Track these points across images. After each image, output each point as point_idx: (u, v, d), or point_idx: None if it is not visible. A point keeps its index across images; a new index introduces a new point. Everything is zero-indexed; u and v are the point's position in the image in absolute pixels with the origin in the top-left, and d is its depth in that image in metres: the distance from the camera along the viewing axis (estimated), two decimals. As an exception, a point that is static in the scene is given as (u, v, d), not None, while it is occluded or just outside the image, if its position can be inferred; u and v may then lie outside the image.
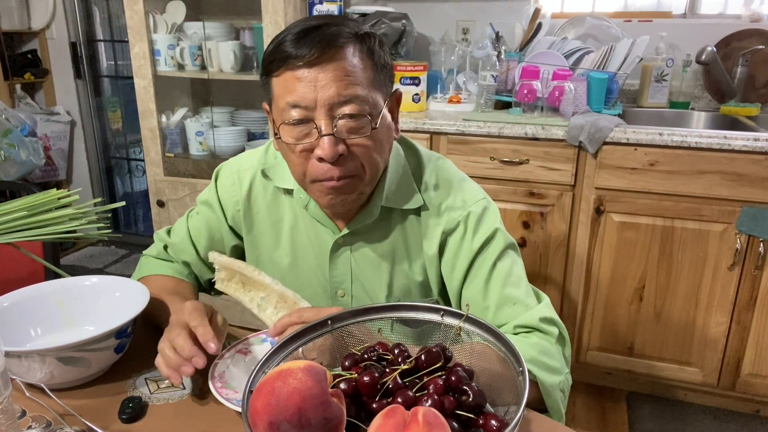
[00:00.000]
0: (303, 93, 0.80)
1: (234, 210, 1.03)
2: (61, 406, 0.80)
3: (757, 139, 1.72)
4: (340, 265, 0.99)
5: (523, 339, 0.87)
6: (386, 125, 0.87)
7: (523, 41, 2.25)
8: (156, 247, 1.11)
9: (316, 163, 0.83)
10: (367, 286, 1.00)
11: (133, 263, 3.36)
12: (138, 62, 2.36)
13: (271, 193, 1.01)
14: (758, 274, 1.83)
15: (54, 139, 3.22)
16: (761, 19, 2.21)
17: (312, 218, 0.98)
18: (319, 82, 0.79)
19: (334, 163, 0.82)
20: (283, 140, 0.85)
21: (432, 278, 0.98)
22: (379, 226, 0.96)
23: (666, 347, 2.01)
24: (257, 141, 2.54)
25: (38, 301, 0.95)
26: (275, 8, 2.13)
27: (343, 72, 0.80)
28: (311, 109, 0.80)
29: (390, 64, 0.89)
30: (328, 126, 0.80)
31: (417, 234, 0.96)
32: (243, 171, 1.03)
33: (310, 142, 0.82)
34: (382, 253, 0.97)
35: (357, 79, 0.81)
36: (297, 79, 0.80)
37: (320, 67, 0.79)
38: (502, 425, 0.60)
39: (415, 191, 0.95)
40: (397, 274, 0.98)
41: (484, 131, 1.97)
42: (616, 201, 1.91)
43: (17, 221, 0.98)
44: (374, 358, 0.69)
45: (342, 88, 0.80)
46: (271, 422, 0.55)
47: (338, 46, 0.80)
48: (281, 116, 0.83)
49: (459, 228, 0.94)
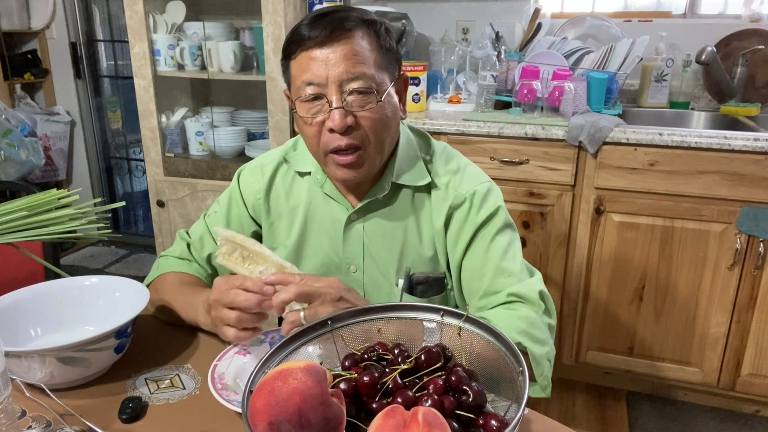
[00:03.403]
0: (316, 71, 0.89)
1: (254, 199, 1.10)
2: (61, 406, 0.80)
3: (757, 139, 1.72)
4: (352, 241, 1.04)
5: (514, 312, 0.92)
6: (392, 103, 0.96)
7: (523, 41, 2.25)
8: (179, 247, 1.13)
9: (327, 134, 0.92)
10: (379, 261, 1.05)
11: (133, 263, 3.36)
12: (138, 62, 2.36)
13: (290, 178, 1.09)
14: (758, 274, 1.83)
15: (54, 139, 3.22)
16: (761, 19, 2.21)
17: (327, 197, 1.05)
18: (330, 61, 0.89)
19: (343, 133, 0.91)
20: (300, 114, 0.94)
21: (440, 252, 1.04)
22: (390, 202, 1.03)
23: (666, 347, 2.01)
24: (257, 141, 2.54)
25: (38, 301, 0.95)
26: (275, 8, 2.13)
27: (351, 52, 0.89)
28: (323, 86, 0.90)
29: (395, 49, 0.97)
30: (338, 100, 0.90)
31: (427, 211, 1.03)
32: (266, 164, 1.11)
33: (322, 115, 0.91)
34: (393, 228, 1.03)
35: (364, 58, 0.90)
36: (311, 59, 0.90)
37: (331, 48, 0.89)
38: (502, 425, 0.60)
39: (423, 170, 1.03)
40: (408, 248, 1.04)
41: (484, 131, 1.97)
42: (616, 201, 1.91)
43: (17, 221, 0.98)
44: (374, 358, 0.69)
45: (351, 66, 0.89)
46: (271, 422, 0.55)
47: (347, 28, 0.89)
48: (297, 93, 0.93)
49: (465, 204, 1.01)
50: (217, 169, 2.43)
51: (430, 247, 1.04)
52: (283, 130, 2.25)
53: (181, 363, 0.92)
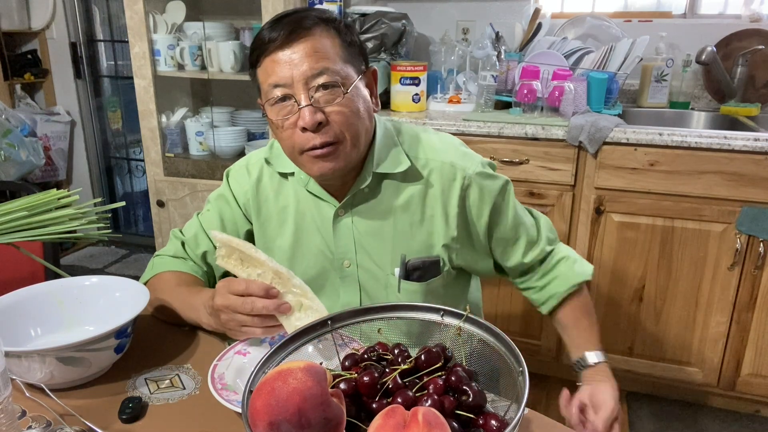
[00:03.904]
0: (281, 73, 0.90)
1: (245, 198, 1.11)
2: (61, 406, 0.80)
3: (757, 139, 1.72)
4: (342, 236, 1.05)
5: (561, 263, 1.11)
6: (361, 95, 0.97)
7: (523, 41, 2.25)
8: (173, 246, 1.13)
9: (300, 133, 0.93)
10: (372, 253, 1.06)
11: (133, 263, 3.35)
12: (138, 62, 2.36)
13: (276, 180, 1.09)
14: (758, 274, 1.83)
15: (54, 139, 3.22)
16: (761, 19, 2.21)
17: (313, 196, 1.06)
18: (293, 61, 0.90)
19: (315, 131, 0.92)
20: (271, 119, 0.95)
21: (437, 234, 1.04)
22: (375, 194, 1.04)
23: (666, 347, 2.01)
24: (257, 141, 2.54)
25: (38, 301, 0.95)
26: (275, 8, 2.13)
27: (313, 49, 0.90)
28: (290, 86, 0.91)
29: (358, 43, 0.99)
30: (306, 98, 0.91)
31: (417, 196, 1.03)
32: (251, 164, 1.12)
33: (292, 115, 0.92)
34: (382, 219, 1.04)
35: (326, 54, 0.91)
36: (274, 62, 0.91)
37: (292, 48, 0.90)
38: (502, 425, 0.60)
39: (402, 155, 1.03)
40: (399, 237, 1.05)
41: (484, 131, 1.97)
42: (616, 201, 1.91)
43: (17, 221, 0.97)
44: (374, 358, 0.69)
45: (314, 62, 0.90)
46: (271, 422, 0.55)
47: (306, 27, 0.91)
48: (266, 97, 0.94)
49: (475, 181, 1.03)
50: (217, 169, 2.43)
51: (423, 231, 1.04)
52: (283, 130, 2.25)
53: (181, 363, 0.92)
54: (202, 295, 0.96)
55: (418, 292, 1.06)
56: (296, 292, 0.85)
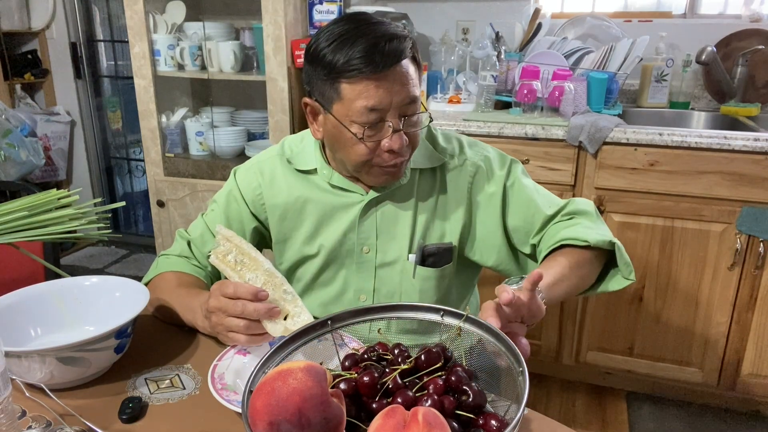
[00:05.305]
0: (381, 98, 0.94)
1: (254, 195, 1.13)
2: (61, 406, 0.80)
3: (757, 139, 1.72)
4: (367, 224, 1.09)
5: (582, 224, 1.06)
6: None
7: (523, 41, 2.25)
8: (179, 246, 1.14)
9: (384, 153, 0.98)
10: (392, 240, 1.10)
11: (133, 263, 3.36)
12: (138, 62, 2.36)
13: (292, 177, 1.12)
14: (758, 274, 1.83)
15: (54, 139, 3.22)
16: (761, 19, 2.21)
17: (337, 188, 1.10)
18: (393, 89, 0.94)
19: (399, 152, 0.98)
20: (353, 132, 0.97)
21: (454, 221, 1.10)
22: (404, 184, 1.09)
23: (666, 347, 2.01)
24: (257, 141, 2.54)
25: (38, 301, 0.95)
26: (275, 8, 2.13)
27: (406, 77, 0.96)
28: (385, 112, 0.96)
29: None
30: (397, 123, 0.97)
31: (438, 185, 1.10)
32: (263, 162, 1.15)
33: (381, 137, 0.97)
34: (406, 207, 1.09)
35: (414, 81, 0.99)
36: (376, 87, 0.94)
37: (393, 76, 0.94)
38: (502, 425, 0.60)
39: (433, 152, 1.10)
40: (419, 224, 1.10)
41: (484, 131, 1.97)
42: (616, 201, 1.91)
43: (17, 221, 0.98)
44: (374, 358, 0.69)
45: (407, 92, 0.96)
46: (271, 422, 0.55)
47: (404, 56, 0.96)
48: (354, 116, 0.95)
49: (482, 168, 1.10)
50: (217, 169, 2.43)
51: (441, 219, 1.10)
52: (283, 130, 2.25)
53: (181, 363, 0.92)
54: (200, 297, 0.96)
55: (432, 278, 1.10)
56: (286, 298, 0.85)
